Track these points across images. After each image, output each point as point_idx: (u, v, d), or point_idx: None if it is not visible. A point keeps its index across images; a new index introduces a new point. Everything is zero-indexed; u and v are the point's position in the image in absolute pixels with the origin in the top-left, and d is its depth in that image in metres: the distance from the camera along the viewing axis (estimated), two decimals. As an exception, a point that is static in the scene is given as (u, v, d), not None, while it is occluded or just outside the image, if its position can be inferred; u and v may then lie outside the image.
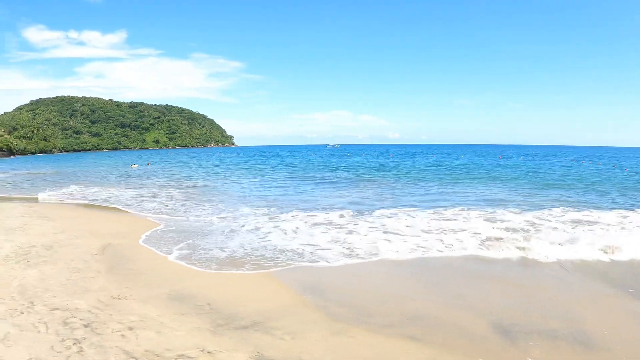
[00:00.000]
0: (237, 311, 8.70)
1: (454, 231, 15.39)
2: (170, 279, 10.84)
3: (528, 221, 17.03)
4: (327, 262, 12.31)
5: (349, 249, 13.55)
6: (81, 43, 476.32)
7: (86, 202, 26.77)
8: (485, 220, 17.39)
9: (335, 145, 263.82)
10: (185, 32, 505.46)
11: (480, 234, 14.84)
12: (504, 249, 13.17)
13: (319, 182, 37.92)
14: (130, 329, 7.55)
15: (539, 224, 16.42)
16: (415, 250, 13.38)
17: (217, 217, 19.49)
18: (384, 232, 15.43)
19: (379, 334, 7.72)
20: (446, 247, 13.62)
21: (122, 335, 7.26)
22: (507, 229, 15.51)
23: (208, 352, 6.77)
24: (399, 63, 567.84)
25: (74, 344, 6.81)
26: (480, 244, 13.69)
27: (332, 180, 39.50)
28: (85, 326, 7.55)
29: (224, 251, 13.44)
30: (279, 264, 12.11)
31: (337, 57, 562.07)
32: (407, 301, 9.53)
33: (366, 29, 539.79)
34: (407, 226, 16.36)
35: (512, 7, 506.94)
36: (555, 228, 15.67)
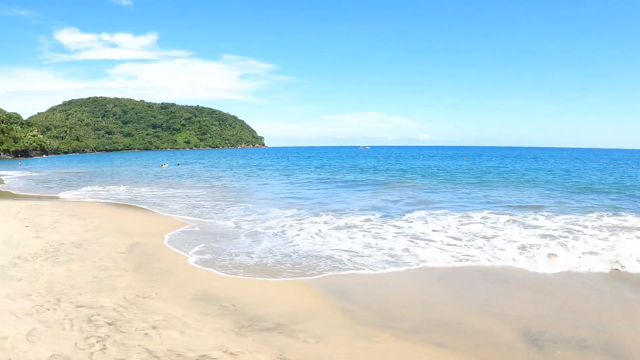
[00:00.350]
0: (262, 313, 8.61)
1: (484, 237, 15.02)
2: (195, 279, 10.84)
3: (561, 227, 16.48)
4: (372, 269, 11.81)
5: (389, 255, 13.14)
6: (113, 45, 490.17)
7: (116, 201, 27.18)
8: (517, 225, 16.96)
9: (366, 146, 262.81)
10: (217, 34, 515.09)
11: (511, 239, 14.44)
12: (535, 256, 12.74)
13: (348, 185, 37.67)
14: (154, 328, 7.54)
15: (573, 230, 15.86)
16: (444, 256, 13.08)
17: (246, 220, 19.41)
18: (413, 238, 15.10)
19: (404, 340, 7.53)
20: (476, 253, 13.29)
21: (146, 334, 7.25)
22: (539, 235, 15.04)
23: (231, 353, 6.70)
24: (430, 65, 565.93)
25: (97, 341, 6.83)
26: (511, 250, 13.27)
27: (362, 183, 39.20)
28: (110, 324, 7.57)
29: (251, 257, 12.99)
30: (322, 272, 11.62)
31: (367, 59, 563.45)
32: (434, 307, 9.31)
33: (398, 31, 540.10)
34: (435, 231, 16.05)
35: (546, 9, 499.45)
36: (591, 235, 15.10)
